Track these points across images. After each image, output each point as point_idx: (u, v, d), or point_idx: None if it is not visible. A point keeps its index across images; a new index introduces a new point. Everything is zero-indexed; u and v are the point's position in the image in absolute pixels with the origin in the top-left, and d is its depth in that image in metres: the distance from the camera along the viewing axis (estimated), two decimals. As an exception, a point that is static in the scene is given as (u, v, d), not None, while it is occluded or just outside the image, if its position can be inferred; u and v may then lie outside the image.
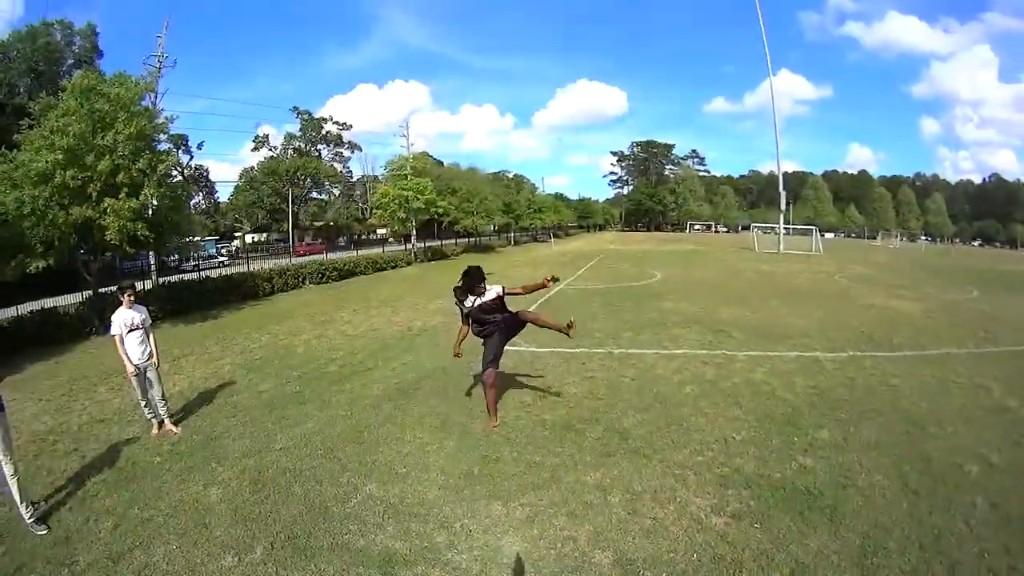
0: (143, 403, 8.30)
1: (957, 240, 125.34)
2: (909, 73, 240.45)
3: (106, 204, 16.09)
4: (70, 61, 46.01)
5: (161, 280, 22.78)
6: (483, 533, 5.53)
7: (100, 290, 17.76)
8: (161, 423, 8.35)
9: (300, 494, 6.27)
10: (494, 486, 6.44)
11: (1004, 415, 8.82)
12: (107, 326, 8.48)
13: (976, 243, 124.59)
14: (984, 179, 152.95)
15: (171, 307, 19.38)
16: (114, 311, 8.26)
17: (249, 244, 69.83)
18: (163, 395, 8.43)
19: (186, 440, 7.98)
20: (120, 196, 16.28)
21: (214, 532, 5.55)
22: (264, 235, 77.51)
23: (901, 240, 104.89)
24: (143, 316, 8.33)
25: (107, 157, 16.18)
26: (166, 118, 19.91)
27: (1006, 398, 9.58)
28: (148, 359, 8.22)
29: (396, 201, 42.46)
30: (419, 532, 5.53)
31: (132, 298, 8.28)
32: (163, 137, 19.66)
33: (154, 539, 5.46)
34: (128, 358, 8.05)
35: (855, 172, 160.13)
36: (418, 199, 42.42)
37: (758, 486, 6.38)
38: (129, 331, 8.10)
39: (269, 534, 5.50)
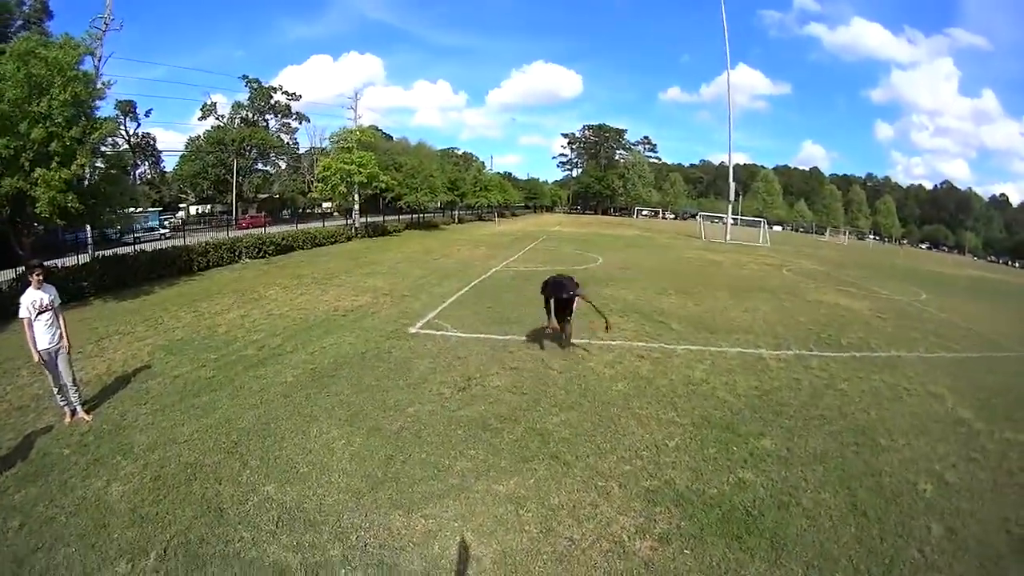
0: (55, 390, 8.00)
1: (905, 242, 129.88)
2: (868, 78, 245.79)
3: (37, 174, 15.48)
4: (19, 22, 43.80)
5: (98, 254, 21.79)
6: (379, 548, 5.17)
7: (34, 264, 16.82)
8: (74, 411, 8.05)
9: (198, 494, 6.02)
10: (397, 492, 6.04)
11: (958, 427, 8.68)
12: (15, 308, 8.09)
13: (923, 246, 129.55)
14: (935, 186, 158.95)
15: (105, 282, 18.68)
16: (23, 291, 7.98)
17: (193, 216, 67.91)
18: (75, 381, 8.13)
19: (95, 430, 7.65)
20: (52, 165, 15.68)
21: (112, 534, 5.34)
22: (209, 207, 75.48)
23: (849, 237, 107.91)
24: (52, 296, 8.01)
25: (41, 125, 15.57)
26: (103, 83, 19.16)
27: (959, 408, 9.49)
28: (58, 342, 7.94)
29: (338, 175, 41.93)
30: (313, 543, 5.23)
31: (41, 278, 7.98)
32: (100, 103, 18.75)
33: (56, 541, 5.28)
34: (35, 343, 7.75)
35: (807, 169, 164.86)
36: (360, 173, 41.76)
37: (690, 503, 5.89)
38: (38, 313, 7.80)
39: (164, 538, 5.28)
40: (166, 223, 52.12)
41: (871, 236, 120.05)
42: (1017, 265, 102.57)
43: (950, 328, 16.93)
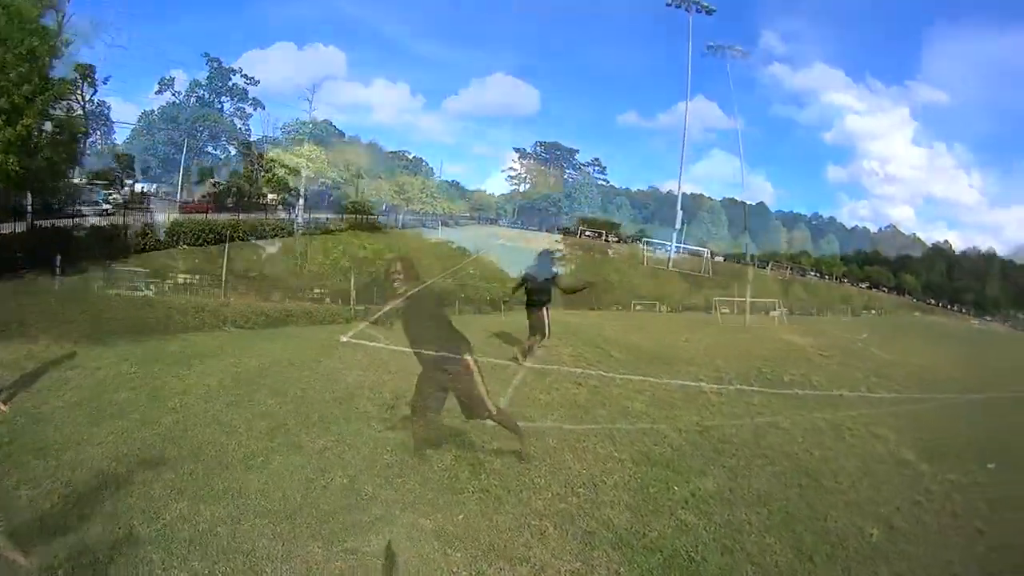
0: None
1: (846, 281, 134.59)
2: (824, 121, 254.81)
3: None
4: None
5: (36, 223, 21.18)
6: (295, 583, 4.76)
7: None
8: None
9: (109, 506, 5.49)
10: (316, 521, 5.56)
11: (902, 469, 8.75)
12: None
13: (864, 286, 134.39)
14: (880, 228, 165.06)
15: (40, 255, 18.28)
16: None
17: (137, 194, 66.33)
18: None
19: (9, 422, 7.19)
20: None
21: (19, 546, 4.78)
22: (155, 186, 73.69)
23: (791, 274, 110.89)
24: None
25: None
26: (62, 41, 18.95)
27: (902, 450, 9.57)
28: None
29: (286, 167, 42.54)
30: (225, 573, 4.77)
31: None
32: (56, 63, 18.60)
33: (-44, 550, 4.82)
34: None
35: (753, 203, 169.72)
36: (309, 167, 42.08)
37: (630, 547, 5.58)
38: None
39: (71, 554, 4.74)
40: (110, 198, 50.85)
41: (812, 273, 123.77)
42: (954, 308, 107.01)
43: (892, 368, 17.34)
